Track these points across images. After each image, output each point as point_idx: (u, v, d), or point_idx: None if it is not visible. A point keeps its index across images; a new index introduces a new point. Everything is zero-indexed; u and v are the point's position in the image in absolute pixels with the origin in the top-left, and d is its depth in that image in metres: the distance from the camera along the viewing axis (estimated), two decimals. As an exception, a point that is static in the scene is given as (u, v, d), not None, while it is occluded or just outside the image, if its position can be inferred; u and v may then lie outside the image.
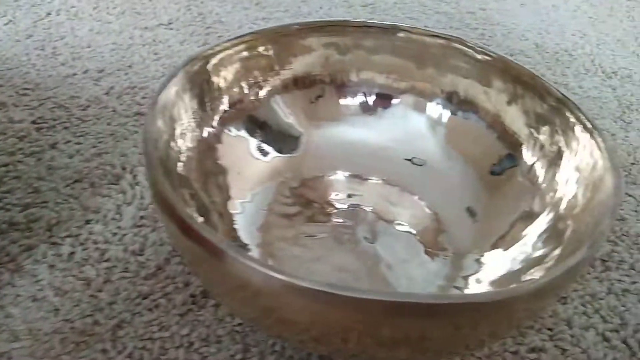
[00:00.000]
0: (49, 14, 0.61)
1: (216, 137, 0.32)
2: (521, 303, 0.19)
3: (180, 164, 0.28)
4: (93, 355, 0.29)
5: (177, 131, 0.29)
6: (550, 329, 0.33)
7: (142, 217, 0.37)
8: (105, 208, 0.37)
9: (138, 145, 0.43)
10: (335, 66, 0.37)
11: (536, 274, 0.26)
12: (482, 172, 0.33)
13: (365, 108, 0.37)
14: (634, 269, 0.38)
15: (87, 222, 0.36)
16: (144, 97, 0.49)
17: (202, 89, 0.31)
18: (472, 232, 0.32)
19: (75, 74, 0.51)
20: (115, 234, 0.36)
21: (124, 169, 0.41)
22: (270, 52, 0.34)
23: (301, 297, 0.19)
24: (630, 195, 0.44)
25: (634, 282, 0.37)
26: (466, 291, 0.29)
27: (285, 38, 0.34)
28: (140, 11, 0.64)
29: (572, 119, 0.29)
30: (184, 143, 0.29)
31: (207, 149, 0.31)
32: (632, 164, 0.48)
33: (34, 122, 0.44)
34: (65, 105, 0.47)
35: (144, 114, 0.47)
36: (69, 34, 0.58)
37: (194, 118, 0.30)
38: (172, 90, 0.28)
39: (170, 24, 0.62)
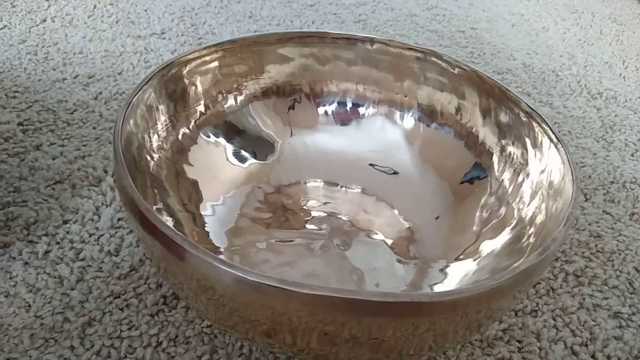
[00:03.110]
0: (44, 20, 0.62)
1: (191, 141, 0.32)
2: (468, 304, 0.19)
3: (152, 165, 0.28)
4: (60, 352, 0.29)
5: (151, 133, 0.29)
6: (519, 341, 0.33)
7: (119, 219, 0.37)
8: (84, 209, 0.38)
9: (121, 149, 0.44)
10: (312, 76, 0.37)
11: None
12: (453, 183, 0.34)
13: (341, 118, 0.38)
14: (606, 285, 0.38)
15: (65, 222, 0.37)
16: (131, 103, 0.49)
17: (176, 93, 0.31)
18: (441, 242, 0.33)
19: (65, 79, 0.52)
20: (92, 234, 0.36)
21: (105, 171, 0.41)
22: (249, 60, 0.35)
23: (252, 291, 0.19)
24: (607, 213, 0.45)
25: (606, 298, 0.37)
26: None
27: (263, 47, 0.35)
28: (134, 20, 0.65)
29: (539, 131, 0.30)
30: (158, 145, 0.30)
31: (181, 151, 0.32)
32: (612, 182, 0.48)
33: (20, 124, 0.45)
34: (52, 108, 0.48)
35: (130, 119, 0.47)
36: (62, 40, 0.59)
37: (168, 121, 0.31)
38: (147, 93, 0.29)
39: (163, 33, 0.63)
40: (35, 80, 0.51)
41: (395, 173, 0.36)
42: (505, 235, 0.30)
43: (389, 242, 0.34)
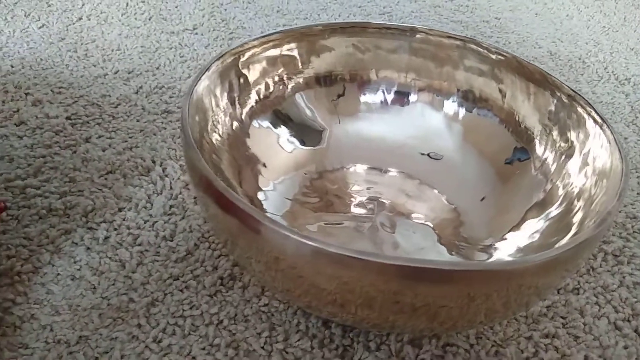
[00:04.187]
0: (80, 18, 0.64)
1: (244, 130, 0.34)
2: (530, 274, 0.21)
3: (213, 155, 0.30)
4: (129, 330, 0.31)
5: (210, 123, 0.31)
6: (563, 317, 0.34)
7: (171, 206, 0.39)
8: (136, 197, 0.39)
9: (167, 141, 0.45)
10: (355, 65, 0.39)
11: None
12: (497, 165, 0.35)
13: (384, 105, 0.39)
14: (644, 264, 0.39)
15: (120, 209, 0.38)
16: (171, 97, 0.51)
17: (232, 83, 0.33)
18: (487, 222, 0.34)
19: (106, 74, 0.54)
20: (146, 220, 0.38)
21: (153, 162, 0.43)
22: (295, 51, 0.36)
23: (330, 262, 0.21)
24: (641, 195, 0.45)
25: (645, 276, 0.38)
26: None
27: (308, 38, 0.36)
28: (166, 17, 0.67)
29: (583, 114, 0.31)
30: (215, 135, 0.31)
31: (236, 140, 0.33)
32: (644, 165, 0.49)
33: (68, 118, 0.47)
34: (97, 103, 0.49)
35: (171, 111, 0.49)
36: (99, 38, 0.60)
37: (224, 111, 0.32)
38: (204, 83, 0.30)
39: (195, 29, 0.64)
40: (78, 76, 0.53)
41: (437, 158, 0.37)
42: (550, 214, 0.31)
43: (434, 224, 0.35)
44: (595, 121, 0.30)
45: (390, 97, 0.39)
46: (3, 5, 0.66)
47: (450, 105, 0.38)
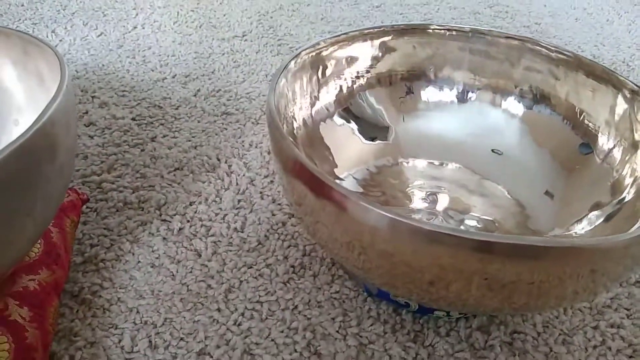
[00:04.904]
0: (135, 27, 0.67)
1: (316, 125, 0.35)
2: (611, 255, 0.22)
3: (291, 136, 0.32)
4: (210, 314, 0.32)
5: (288, 117, 0.32)
6: (627, 309, 0.35)
7: (239, 201, 0.41)
8: (206, 192, 0.41)
9: (229, 140, 0.47)
10: (417, 65, 0.40)
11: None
12: (559, 159, 0.36)
13: (444, 103, 0.40)
14: None
15: (191, 203, 0.40)
16: (228, 99, 0.53)
17: (310, 76, 0.34)
18: (553, 214, 0.34)
19: (165, 78, 0.56)
20: (217, 213, 0.39)
21: (218, 159, 0.45)
22: (361, 52, 0.38)
23: (427, 241, 0.22)
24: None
25: None
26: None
27: (374, 39, 0.38)
28: (215, 25, 0.69)
29: (649, 107, 0.32)
30: (293, 129, 0.33)
31: (309, 136, 0.35)
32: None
33: (133, 119, 0.49)
34: (159, 105, 0.52)
35: (230, 113, 0.51)
36: (154, 45, 0.63)
37: (299, 106, 0.34)
38: (289, 72, 0.32)
39: (244, 35, 0.67)
40: (139, 80, 0.56)
41: (498, 153, 0.39)
42: (617, 204, 0.32)
43: (497, 217, 0.36)
44: (661, 114, 0.31)
45: (450, 95, 0.40)
46: (62, 16, 0.69)
47: (510, 103, 0.39)
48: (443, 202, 0.38)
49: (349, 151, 0.38)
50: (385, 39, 0.39)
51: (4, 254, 0.25)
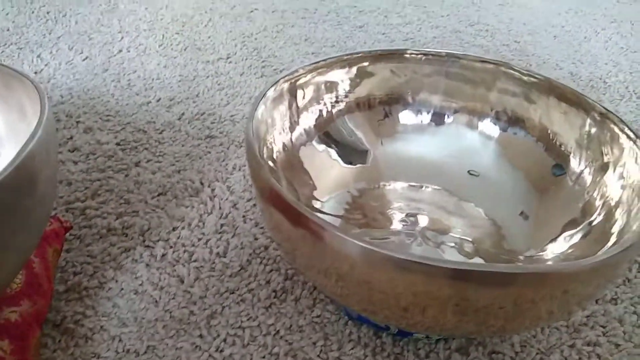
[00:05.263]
0: (120, 50, 0.68)
1: (295, 151, 0.36)
2: (582, 276, 0.22)
3: (271, 161, 0.32)
4: (192, 340, 0.33)
5: (267, 144, 0.33)
6: (603, 326, 0.35)
7: (222, 225, 0.41)
8: (189, 217, 0.42)
9: (212, 164, 0.48)
10: (394, 89, 0.41)
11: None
12: (533, 180, 0.37)
13: (421, 126, 0.41)
14: (678, 275, 0.40)
15: (174, 228, 0.41)
16: (212, 122, 0.54)
17: (285, 107, 0.35)
18: (527, 235, 0.35)
19: (149, 102, 0.57)
20: (200, 238, 0.40)
21: (202, 183, 0.45)
22: (339, 77, 0.39)
23: (398, 268, 0.22)
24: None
25: (680, 287, 0.39)
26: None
27: (351, 64, 0.39)
28: (200, 47, 0.70)
29: (616, 130, 0.33)
30: (272, 155, 0.34)
31: (288, 161, 0.36)
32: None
33: (118, 144, 0.50)
34: (143, 129, 0.52)
35: (214, 136, 0.52)
36: (139, 68, 0.64)
37: (279, 132, 0.35)
38: (262, 108, 0.32)
39: (228, 58, 0.68)
40: (123, 104, 0.56)
41: (475, 174, 0.39)
42: (588, 225, 0.33)
43: (474, 237, 0.37)
44: (628, 137, 0.32)
45: (427, 118, 0.41)
46: (47, 40, 0.70)
47: (485, 125, 0.40)
48: (422, 223, 0.38)
49: (329, 175, 0.38)
50: (363, 64, 0.39)
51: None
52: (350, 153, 0.40)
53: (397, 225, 0.38)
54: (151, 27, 0.75)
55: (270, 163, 0.34)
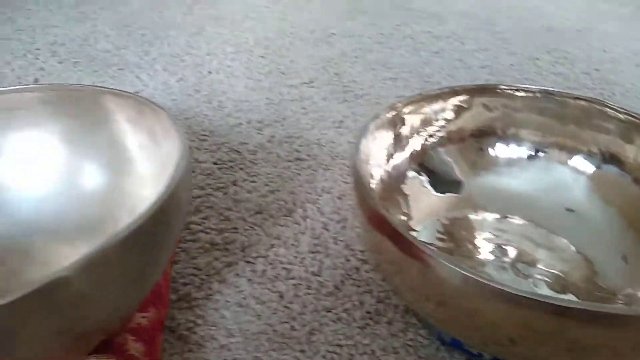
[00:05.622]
0: (210, 72, 0.72)
1: (396, 174, 0.38)
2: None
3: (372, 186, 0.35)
4: (294, 354, 0.35)
5: (369, 165, 0.35)
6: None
7: (315, 245, 0.43)
8: (284, 235, 0.44)
9: (303, 186, 0.51)
10: (487, 122, 0.42)
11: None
12: (629, 217, 0.37)
13: (513, 160, 0.42)
14: None
15: (272, 246, 0.43)
16: (300, 145, 0.57)
17: (389, 135, 0.38)
18: (622, 272, 0.36)
19: (241, 124, 0.60)
20: (295, 257, 0.42)
21: (294, 204, 0.48)
22: (436, 110, 0.41)
23: (508, 302, 0.24)
24: None
25: None
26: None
27: (447, 98, 0.41)
28: (284, 71, 0.74)
29: None
30: (374, 174, 0.36)
31: (385, 190, 0.38)
32: None
33: (215, 163, 0.53)
34: (237, 149, 0.56)
35: (302, 159, 0.55)
36: (228, 90, 0.68)
37: (377, 162, 0.37)
38: (369, 131, 0.35)
39: (311, 82, 0.71)
40: (217, 125, 0.60)
41: (566, 209, 0.40)
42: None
43: (565, 272, 0.38)
44: None
45: (518, 152, 0.42)
46: (144, 62, 0.75)
47: (578, 161, 0.41)
48: (511, 254, 0.40)
49: (421, 203, 0.40)
50: (458, 98, 0.41)
51: (136, 303, 0.28)
52: (442, 182, 0.41)
53: (486, 255, 0.39)
54: (237, 50, 0.80)
55: (378, 181, 0.36)
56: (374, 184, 0.36)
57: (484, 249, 0.40)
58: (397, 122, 0.39)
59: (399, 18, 0.93)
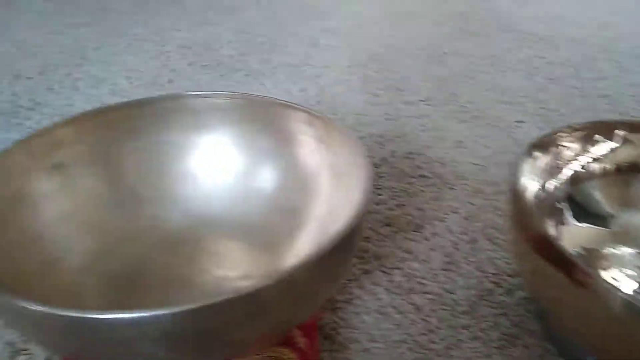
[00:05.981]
0: (329, 84, 0.76)
1: (543, 202, 0.39)
2: None
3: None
4: (434, 366, 0.37)
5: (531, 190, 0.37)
6: None
7: (447, 263, 0.45)
8: (416, 250, 0.46)
9: (429, 203, 0.52)
10: (630, 157, 0.43)
11: None
12: None
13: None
14: None
15: (404, 259, 0.45)
16: (423, 162, 0.58)
17: (541, 163, 0.39)
18: None
19: (363, 137, 0.63)
20: (428, 272, 0.44)
21: (422, 220, 0.50)
22: (589, 142, 0.42)
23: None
24: None
25: None
26: None
27: (604, 131, 0.42)
28: (400, 88, 0.76)
29: None
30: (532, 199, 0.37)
31: (537, 209, 0.39)
32: None
33: (342, 173, 0.56)
34: (362, 162, 0.58)
35: (426, 176, 0.56)
36: (348, 103, 0.71)
37: (534, 183, 0.38)
38: (524, 159, 0.36)
39: (427, 100, 0.72)
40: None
41: None
42: None
43: None
44: None
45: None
46: (267, 69, 0.80)
47: None
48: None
49: (567, 237, 0.41)
50: (616, 132, 0.42)
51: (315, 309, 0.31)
52: (587, 215, 0.42)
53: (629, 291, 0.40)
54: (352, 64, 0.83)
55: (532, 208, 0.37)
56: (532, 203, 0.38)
57: (624, 286, 0.40)
58: (551, 151, 0.40)
59: (508, 41, 0.93)
